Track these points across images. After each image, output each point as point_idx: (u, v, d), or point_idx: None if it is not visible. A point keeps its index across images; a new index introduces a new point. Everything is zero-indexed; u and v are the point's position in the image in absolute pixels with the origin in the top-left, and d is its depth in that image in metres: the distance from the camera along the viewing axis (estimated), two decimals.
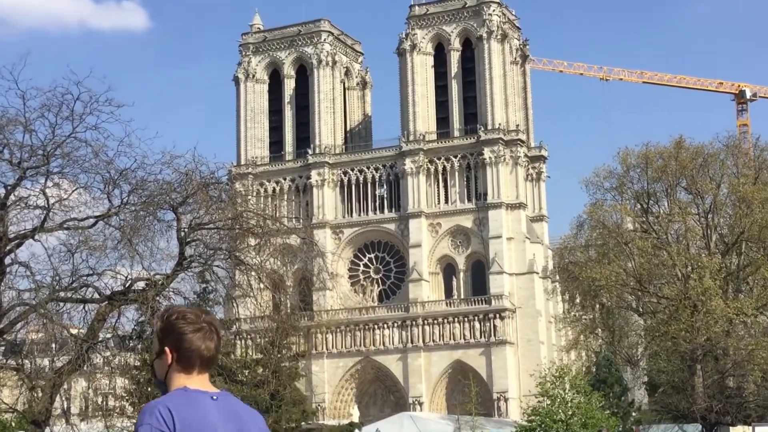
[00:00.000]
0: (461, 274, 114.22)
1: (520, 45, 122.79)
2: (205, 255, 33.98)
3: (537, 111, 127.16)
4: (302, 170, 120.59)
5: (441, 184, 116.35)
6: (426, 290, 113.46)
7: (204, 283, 38.40)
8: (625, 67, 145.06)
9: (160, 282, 32.30)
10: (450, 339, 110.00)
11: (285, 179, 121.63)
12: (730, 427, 56.90)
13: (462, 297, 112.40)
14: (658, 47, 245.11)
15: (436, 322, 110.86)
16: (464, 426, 76.02)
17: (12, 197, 31.06)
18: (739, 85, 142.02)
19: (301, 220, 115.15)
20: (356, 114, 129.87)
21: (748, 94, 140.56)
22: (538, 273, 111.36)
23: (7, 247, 30.91)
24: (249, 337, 77.22)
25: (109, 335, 34.03)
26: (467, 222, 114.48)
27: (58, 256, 31.89)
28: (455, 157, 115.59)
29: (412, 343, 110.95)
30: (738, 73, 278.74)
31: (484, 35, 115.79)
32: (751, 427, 54.81)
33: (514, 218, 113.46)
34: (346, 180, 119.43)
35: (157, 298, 31.99)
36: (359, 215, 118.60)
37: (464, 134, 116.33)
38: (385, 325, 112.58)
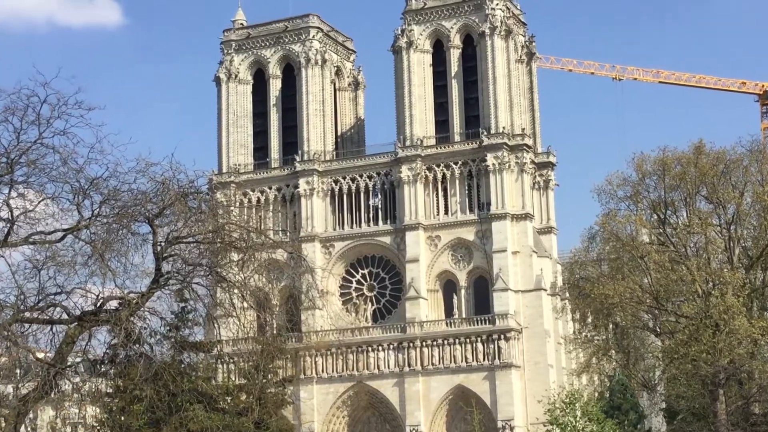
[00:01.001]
0: (462, 292, 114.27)
1: (525, 42, 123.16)
2: (183, 271, 33.99)
3: (544, 113, 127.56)
4: (289, 178, 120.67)
5: (440, 194, 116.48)
6: (424, 309, 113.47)
7: (182, 302, 38.43)
8: (640, 65, 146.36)
9: (134, 301, 32.29)
10: (450, 362, 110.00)
11: (270, 188, 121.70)
12: None
13: (463, 316, 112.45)
14: (676, 44, 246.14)
15: (435, 343, 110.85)
16: None
17: None
18: (763, 85, 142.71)
19: (288, 233, 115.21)
20: (348, 117, 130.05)
21: None
22: (546, 290, 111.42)
23: None
24: (231, 360, 77.36)
25: (78, 359, 33.97)
26: (469, 235, 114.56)
27: (23, 273, 31.88)
28: (455, 163, 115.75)
29: (409, 366, 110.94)
30: (762, 72, 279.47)
31: (487, 31, 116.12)
32: None
33: (520, 230, 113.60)
34: (337, 189, 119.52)
35: (132, 318, 31.98)
36: (351, 227, 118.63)
37: (465, 139, 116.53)
38: (380, 348, 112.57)
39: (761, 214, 63.76)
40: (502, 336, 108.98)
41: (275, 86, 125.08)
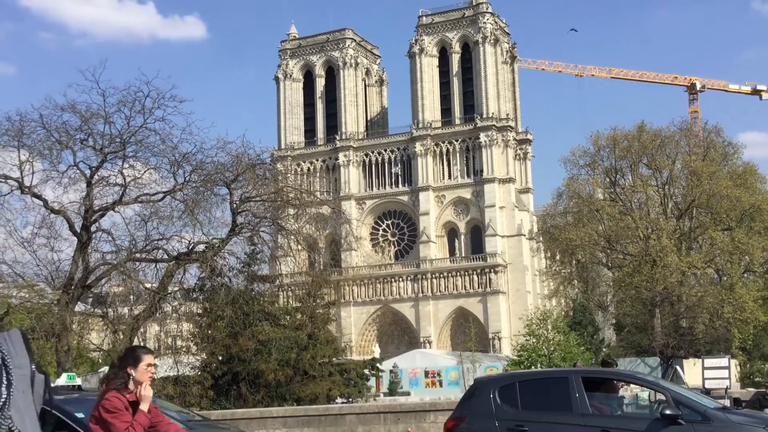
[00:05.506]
0: (462, 237, 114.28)
1: (509, 48, 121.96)
2: (252, 222, 34.02)
3: (524, 102, 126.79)
4: (331, 153, 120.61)
5: (445, 163, 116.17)
6: (434, 250, 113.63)
7: (252, 246, 38.53)
8: (596, 64, 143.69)
9: (216, 245, 32.40)
10: (453, 290, 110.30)
11: (317, 160, 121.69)
12: (683, 360, 56.97)
13: (463, 255, 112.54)
14: (624, 47, 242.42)
15: (442, 276, 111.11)
16: (465, 360, 76.21)
17: (96, 177, 31.14)
18: (690, 79, 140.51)
19: (331, 194, 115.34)
20: (375, 107, 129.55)
21: (698, 86, 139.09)
22: (525, 235, 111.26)
23: (93, 218, 31.04)
24: (289, 289, 77.58)
25: (176, 288, 34.18)
26: (467, 194, 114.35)
27: (134, 224, 31.96)
28: (456, 141, 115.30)
29: (422, 293, 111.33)
30: (690, 68, 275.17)
31: (480, 40, 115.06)
32: (700, 359, 54.91)
33: (505, 191, 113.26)
34: (367, 160, 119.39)
35: (215, 258, 32.13)
36: (378, 189, 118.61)
37: (464, 122, 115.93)
38: (400, 279, 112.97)
39: (688, 177, 63.44)
40: (492, 270, 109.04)
41: (320, 83, 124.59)
